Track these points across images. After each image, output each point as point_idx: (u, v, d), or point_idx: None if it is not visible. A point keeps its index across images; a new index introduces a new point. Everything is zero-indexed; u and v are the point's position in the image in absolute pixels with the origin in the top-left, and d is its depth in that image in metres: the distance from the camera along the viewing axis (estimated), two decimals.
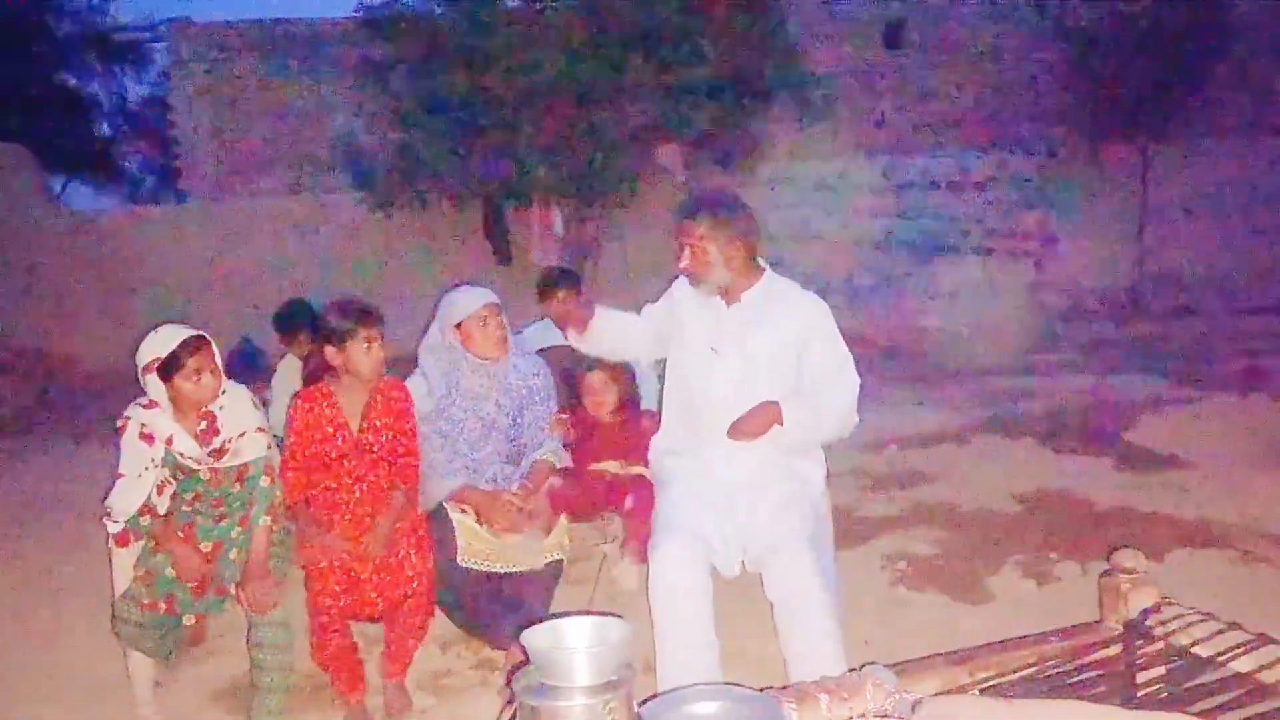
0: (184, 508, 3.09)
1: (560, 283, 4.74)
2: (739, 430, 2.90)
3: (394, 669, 3.14)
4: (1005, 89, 13.84)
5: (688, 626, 2.73)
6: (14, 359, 9.31)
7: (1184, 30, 11.50)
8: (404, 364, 3.49)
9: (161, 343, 2.96)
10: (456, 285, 3.50)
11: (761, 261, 3.13)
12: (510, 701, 1.55)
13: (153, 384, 2.98)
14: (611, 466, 3.57)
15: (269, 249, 10.86)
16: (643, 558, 3.09)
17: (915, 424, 6.09)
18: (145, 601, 2.95)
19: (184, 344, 2.95)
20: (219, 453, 3.04)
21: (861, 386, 3.06)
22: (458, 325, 3.34)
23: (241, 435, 3.07)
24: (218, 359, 3.05)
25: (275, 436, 3.38)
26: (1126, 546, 2.15)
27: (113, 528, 3.06)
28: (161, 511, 3.05)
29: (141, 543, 3.06)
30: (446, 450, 3.32)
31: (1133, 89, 11.75)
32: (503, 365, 3.39)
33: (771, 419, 2.90)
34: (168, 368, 2.94)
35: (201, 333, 3.02)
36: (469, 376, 3.37)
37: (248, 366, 5.49)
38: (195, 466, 3.04)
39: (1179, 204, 12.31)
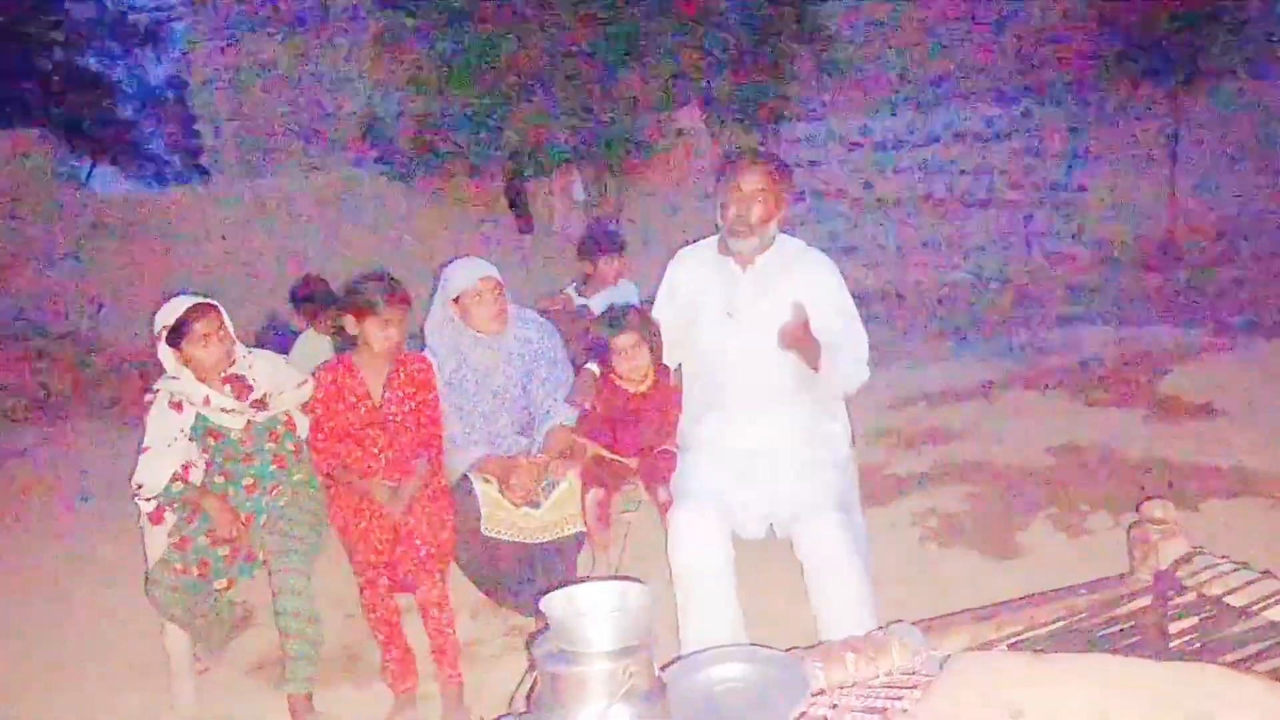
0: (217, 478, 3.13)
1: (604, 246, 4.79)
2: (784, 334, 2.82)
3: (441, 663, 3.01)
4: (1032, 37, 13.58)
5: (709, 590, 2.74)
6: (47, 343, 9.43)
7: None
8: (414, 340, 3.48)
9: (170, 311, 3.04)
10: (454, 259, 3.45)
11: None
12: (532, 668, 1.55)
13: (165, 353, 3.05)
14: (630, 463, 3.28)
15: (293, 224, 10.92)
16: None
17: (944, 379, 6.01)
18: (179, 566, 2.99)
19: (191, 309, 3.02)
20: (260, 403, 3.11)
21: (873, 345, 3.04)
22: (455, 299, 3.31)
23: (281, 394, 3.16)
24: (228, 325, 3.10)
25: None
26: (1157, 497, 2.12)
27: (146, 506, 3.10)
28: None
29: (175, 516, 3.10)
30: (463, 425, 3.31)
31: (1162, 33, 11.49)
32: (504, 337, 3.36)
33: (813, 347, 2.83)
34: (176, 334, 3.01)
35: (209, 300, 3.07)
36: (473, 350, 3.35)
37: (276, 343, 5.51)
38: (232, 425, 3.09)
39: (1211, 149, 12.07)
